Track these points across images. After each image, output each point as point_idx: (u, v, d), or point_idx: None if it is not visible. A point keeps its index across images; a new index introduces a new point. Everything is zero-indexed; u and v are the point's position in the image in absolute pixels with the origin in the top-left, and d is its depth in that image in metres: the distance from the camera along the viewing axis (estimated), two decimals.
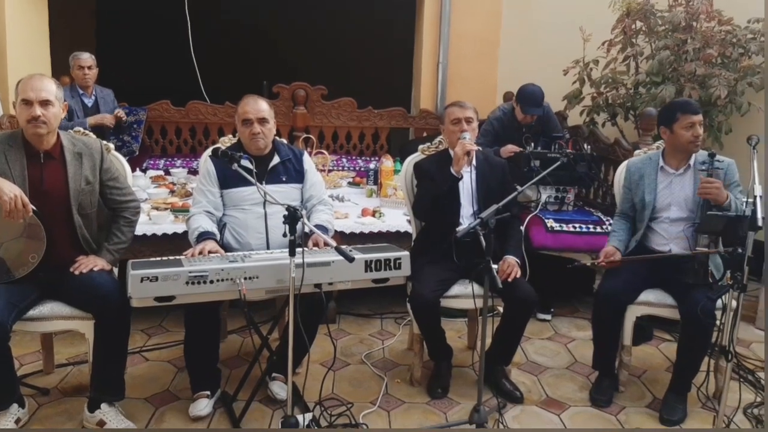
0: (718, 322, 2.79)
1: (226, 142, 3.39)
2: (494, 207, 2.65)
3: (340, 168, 5.55)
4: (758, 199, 2.46)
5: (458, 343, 3.67)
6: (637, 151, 3.51)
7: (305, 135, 5.32)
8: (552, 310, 4.15)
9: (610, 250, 3.15)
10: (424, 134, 5.88)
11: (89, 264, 2.70)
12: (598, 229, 3.97)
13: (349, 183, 5.09)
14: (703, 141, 4.31)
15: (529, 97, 4.29)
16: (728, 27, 4.67)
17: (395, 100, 6.40)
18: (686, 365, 2.98)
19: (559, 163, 3.02)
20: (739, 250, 2.49)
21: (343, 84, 6.54)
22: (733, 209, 2.84)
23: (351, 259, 2.42)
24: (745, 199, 2.75)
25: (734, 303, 2.58)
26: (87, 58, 4.78)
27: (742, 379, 3.25)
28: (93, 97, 4.89)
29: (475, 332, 3.60)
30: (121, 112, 4.97)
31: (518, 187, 2.85)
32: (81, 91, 4.79)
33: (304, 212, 3.18)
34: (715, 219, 2.70)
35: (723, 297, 2.77)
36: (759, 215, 2.40)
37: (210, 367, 2.96)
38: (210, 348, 2.96)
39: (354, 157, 5.92)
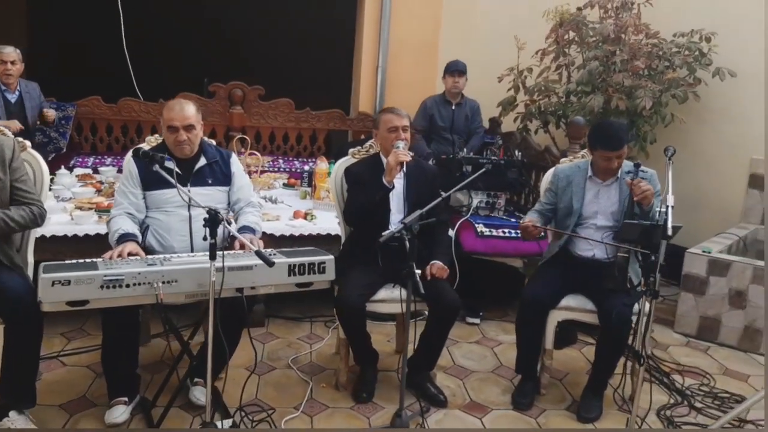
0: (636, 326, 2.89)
1: (152, 141, 3.32)
2: (418, 212, 2.67)
3: (276, 169, 5.49)
4: (670, 209, 2.54)
5: (386, 347, 3.69)
6: (563, 159, 3.59)
7: (240, 135, 5.25)
8: (481, 314, 4.21)
9: (534, 219, 3.21)
10: (362, 137, 5.89)
11: None
12: None
13: (284, 185, 5.04)
14: (629, 150, 4.45)
15: (452, 64, 5.02)
16: (655, 40, 4.83)
17: (336, 102, 6.40)
18: (602, 367, 3.09)
19: (483, 170, 3.06)
20: (653, 258, 2.57)
21: (283, 84, 6.51)
22: (652, 217, 2.94)
23: (271, 264, 2.38)
24: (658, 209, 2.86)
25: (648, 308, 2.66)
26: (10, 52, 4.59)
27: (657, 382, 3.37)
28: (17, 93, 4.69)
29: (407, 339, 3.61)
30: (51, 112, 4.81)
31: (443, 193, 2.87)
32: (3, 87, 4.60)
33: (231, 215, 3.15)
34: (631, 227, 2.77)
35: (639, 302, 2.85)
36: (669, 224, 2.49)
37: (128, 372, 2.88)
38: (128, 352, 2.87)
39: (291, 159, 5.89)
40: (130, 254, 2.68)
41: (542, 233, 3.16)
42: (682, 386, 3.39)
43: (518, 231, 4.02)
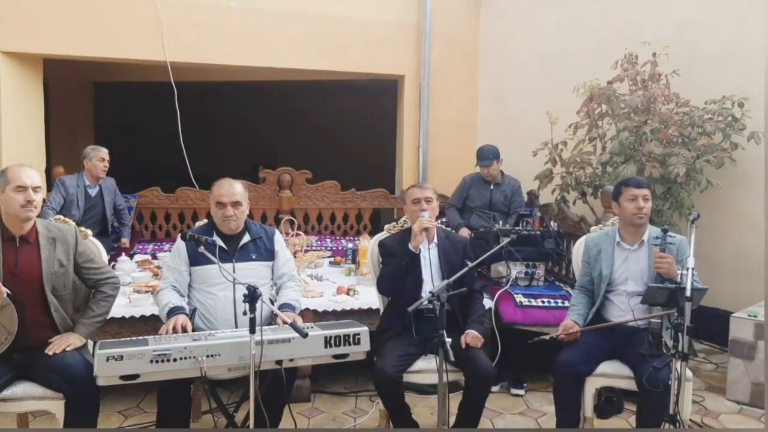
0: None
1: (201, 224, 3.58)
2: (445, 282, 2.79)
3: (324, 248, 5.71)
4: (690, 271, 2.60)
5: (429, 419, 3.73)
6: (593, 228, 3.67)
7: (288, 217, 5.52)
8: (525, 385, 4.20)
9: (569, 323, 3.26)
10: None
11: (62, 344, 2.80)
12: (566, 304, 4.05)
13: (331, 263, 5.24)
14: (650, 213, 4.49)
15: (480, 153, 5.23)
16: (686, 108, 4.92)
17: (381, 181, 6.69)
18: None
19: (508, 239, 3.18)
20: (679, 320, 2.60)
21: (330, 166, 6.84)
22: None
23: (304, 335, 2.54)
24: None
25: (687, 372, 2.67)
26: (107, 152, 5.18)
27: None
28: (97, 187, 5.17)
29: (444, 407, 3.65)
30: (126, 241, 5.46)
31: (468, 262, 2.98)
32: (87, 182, 5.07)
33: (273, 289, 3.34)
34: (657, 291, 2.82)
35: (676, 366, 2.85)
36: (688, 287, 2.54)
37: None
38: (180, 424, 3.02)
39: (338, 237, 6.11)
40: (182, 326, 2.88)
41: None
42: None
43: (557, 300, 4.13)
